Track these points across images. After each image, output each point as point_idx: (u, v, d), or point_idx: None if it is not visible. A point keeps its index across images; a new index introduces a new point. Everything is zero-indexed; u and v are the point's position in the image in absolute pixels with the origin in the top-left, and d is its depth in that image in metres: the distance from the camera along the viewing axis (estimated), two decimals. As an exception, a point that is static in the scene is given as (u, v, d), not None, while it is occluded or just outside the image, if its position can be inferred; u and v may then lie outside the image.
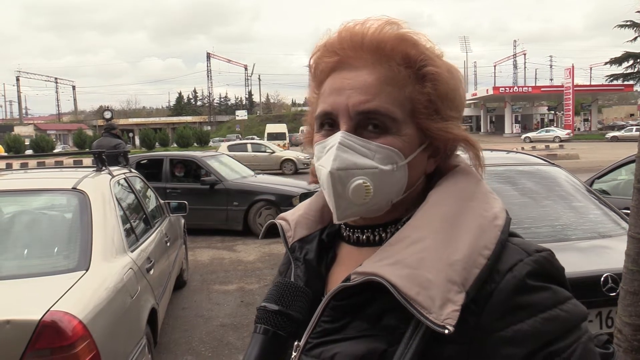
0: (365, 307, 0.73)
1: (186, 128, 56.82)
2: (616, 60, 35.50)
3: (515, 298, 0.66)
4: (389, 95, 0.75)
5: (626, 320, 2.28)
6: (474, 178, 0.80)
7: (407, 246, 0.71)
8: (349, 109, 0.75)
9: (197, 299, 5.71)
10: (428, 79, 0.76)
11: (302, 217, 0.91)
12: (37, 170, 5.47)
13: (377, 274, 0.70)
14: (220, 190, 9.06)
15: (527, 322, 0.65)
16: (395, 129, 0.75)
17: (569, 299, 0.69)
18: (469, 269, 0.67)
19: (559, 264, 0.73)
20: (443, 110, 0.77)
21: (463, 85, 0.82)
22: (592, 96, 57.97)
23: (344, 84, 0.76)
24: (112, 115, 25.98)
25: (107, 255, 2.88)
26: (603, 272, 2.61)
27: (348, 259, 0.84)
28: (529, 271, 0.68)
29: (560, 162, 10.91)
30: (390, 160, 0.75)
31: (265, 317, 0.74)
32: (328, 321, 0.76)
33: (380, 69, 0.76)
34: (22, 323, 2.17)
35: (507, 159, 3.95)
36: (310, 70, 0.84)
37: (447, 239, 0.70)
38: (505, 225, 0.73)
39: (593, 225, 3.24)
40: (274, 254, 7.58)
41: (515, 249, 0.71)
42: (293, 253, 0.88)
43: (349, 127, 0.75)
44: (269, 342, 0.73)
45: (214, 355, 4.25)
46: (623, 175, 6.00)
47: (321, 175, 0.76)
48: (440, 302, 0.65)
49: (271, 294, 0.77)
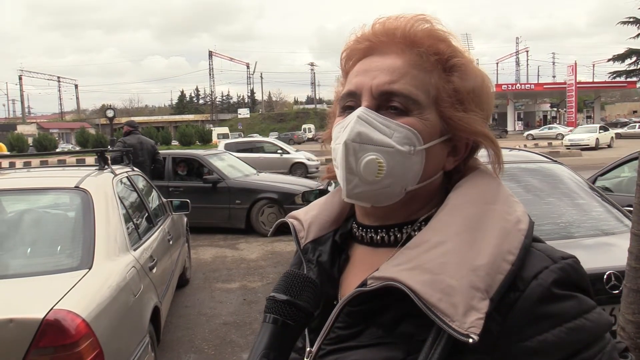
0: (381, 313, 0.71)
1: (188, 126, 56.88)
2: (619, 57, 35.35)
3: (541, 307, 0.64)
4: (415, 78, 0.75)
5: (629, 317, 2.27)
6: (495, 181, 0.78)
7: (427, 250, 0.69)
8: (372, 88, 0.75)
9: (200, 297, 5.72)
10: (455, 70, 0.76)
11: (315, 218, 0.89)
12: (40, 169, 5.48)
13: (396, 279, 0.67)
14: (223, 189, 9.06)
15: (552, 332, 0.63)
16: (417, 111, 0.74)
17: (593, 307, 0.67)
18: (493, 275, 0.65)
19: (583, 271, 0.70)
20: (467, 102, 0.77)
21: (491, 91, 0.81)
22: (594, 93, 57.79)
23: (371, 66, 0.77)
24: (115, 113, 26.00)
25: (110, 254, 2.88)
26: (606, 269, 2.61)
27: (362, 261, 0.81)
28: (555, 279, 0.66)
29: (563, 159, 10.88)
30: (408, 141, 0.73)
31: (274, 307, 0.73)
32: (342, 327, 0.74)
33: (409, 54, 0.76)
34: (26, 321, 2.17)
35: (509, 156, 3.95)
36: (340, 64, 0.85)
37: (470, 243, 0.67)
38: (529, 230, 0.71)
39: (596, 222, 3.23)
40: (277, 252, 7.58)
41: (540, 256, 0.69)
42: (306, 254, 0.86)
43: (370, 104, 0.75)
44: (278, 332, 0.72)
45: (217, 353, 4.26)
46: (626, 172, 5.98)
47: (337, 154, 0.75)
48: (464, 309, 0.62)
49: (280, 284, 0.76)
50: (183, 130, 52.04)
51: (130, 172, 4.58)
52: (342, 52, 0.83)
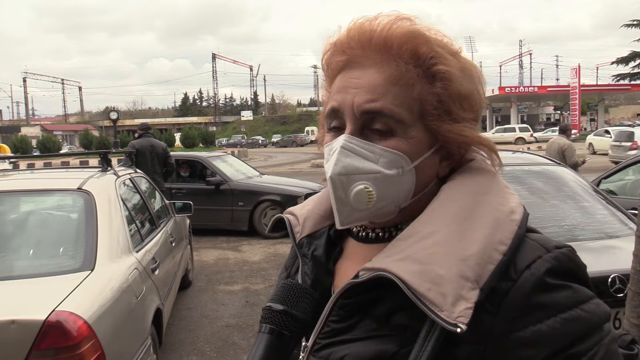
0: (374, 305, 0.71)
1: (192, 129, 56.97)
2: (623, 60, 35.36)
3: (534, 297, 0.64)
4: (396, 96, 0.72)
5: (634, 321, 2.26)
6: (489, 173, 0.77)
7: (418, 241, 0.69)
8: (354, 107, 0.73)
9: (202, 299, 5.72)
10: (438, 78, 0.73)
11: (311, 213, 0.89)
12: (44, 170, 5.49)
13: (386, 269, 0.68)
14: (226, 191, 9.06)
15: (546, 322, 0.63)
16: (401, 131, 0.72)
17: (590, 298, 0.66)
18: (483, 264, 0.64)
19: (580, 260, 0.69)
20: (455, 111, 0.74)
21: (481, 84, 0.78)
22: (598, 96, 57.65)
23: (351, 82, 0.74)
24: (118, 116, 26.06)
25: (113, 256, 2.88)
26: (610, 272, 2.59)
27: (355, 254, 0.81)
28: (549, 268, 0.65)
29: (566, 162, 10.82)
30: (395, 164, 0.72)
31: (270, 317, 0.73)
32: (336, 320, 0.74)
33: (387, 68, 0.73)
34: (27, 323, 2.17)
35: (513, 158, 3.93)
36: (323, 69, 0.83)
37: (460, 233, 0.67)
38: (523, 220, 0.70)
39: (600, 225, 3.22)
40: (279, 254, 7.57)
41: (534, 245, 0.68)
42: (301, 249, 0.86)
43: (354, 128, 0.73)
44: (274, 342, 0.72)
45: (219, 356, 4.25)
46: (630, 175, 5.96)
47: (327, 184, 0.74)
48: (453, 299, 0.62)
49: (276, 294, 0.76)
50: (186, 133, 52.10)
51: (133, 174, 4.59)
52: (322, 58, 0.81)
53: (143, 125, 8.49)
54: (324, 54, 0.80)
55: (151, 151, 7.84)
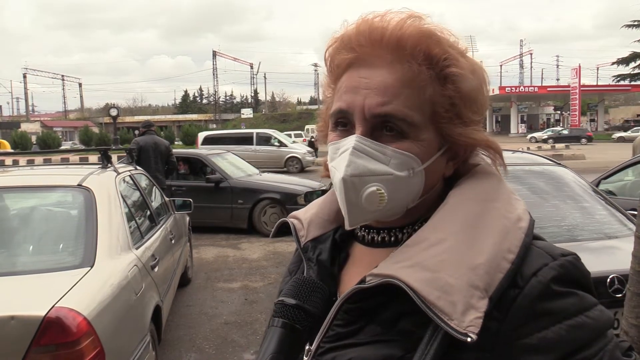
0: (379, 310, 0.71)
1: (192, 126, 56.94)
2: (623, 61, 35.35)
3: (540, 304, 0.64)
4: (408, 98, 0.70)
5: (633, 322, 2.26)
6: (496, 178, 0.76)
7: (426, 248, 0.68)
8: (364, 110, 0.71)
9: (202, 296, 5.72)
10: (450, 81, 0.72)
11: (315, 216, 0.88)
12: (43, 167, 5.49)
13: (395, 276, 0.67)
14: (225, 189, 9.06)
15: (552, 329, 0.63)
16: (413, 133, 0.71)
17: (595, 305, 0.67)
18: (492, 273, 0.64)
19: (585, 268, 0.70)
20: (465, 113, 0.73)
21: (487, 85, 0.77)
22: (598, 96, 57.69)
23: (361, 83, 0.72)
24: (118, 112, 26.05)
25: (112, 252, 2.89)
26: (609, 273, 2.60)
27: (361, 259, 0.81)
28: (554, 276, 0.65)
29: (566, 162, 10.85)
30: (406, 165, 0.71)
31: (283, 311, 0.72)
32: (341, 325, 0.74)
33: (399, 68, 0.71)
34: (27, 319, 2.17)
35: (512, 158, 3.94)
36: (325, 64, 0.80)
37: (469, 241, 0.67)
38: (529, 228, 0.70)
39: (600, 226, 3.22)
40: (279, 252, 7.58)
41: (540, 253, 0.68)
42: (305, 253, 0.85)
43: (365, 130, 0.71)
44: (287, 336, 0.71)
45: (218, 353, 4.26)
46: (630, 176, 5.96)
47: (334, 178, 0.73)
48: (463, 308, 0.62)
49: (289, 289, 0.75)
50: (186, 130, 52.09)
51: (133, 171, 4.59)
52: (325, 51, 0.78)
53: (146, 123, 8.49)
54: (327, 47, 0.78)
55: (154, 149, 7.83)
